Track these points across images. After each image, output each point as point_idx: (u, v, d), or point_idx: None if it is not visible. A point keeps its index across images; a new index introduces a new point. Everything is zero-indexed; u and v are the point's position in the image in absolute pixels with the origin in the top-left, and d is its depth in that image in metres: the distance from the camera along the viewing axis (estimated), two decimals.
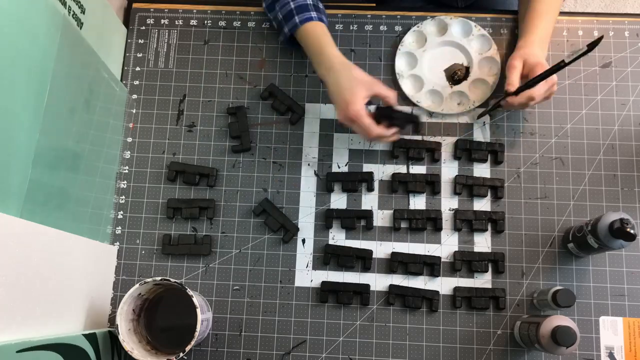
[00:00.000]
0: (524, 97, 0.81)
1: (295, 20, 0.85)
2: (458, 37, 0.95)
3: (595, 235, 0.75)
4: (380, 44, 0.96)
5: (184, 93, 0.95)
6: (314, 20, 0.85)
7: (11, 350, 0.57)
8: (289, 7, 0.86)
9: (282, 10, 0.87)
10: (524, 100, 0.81)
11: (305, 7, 0.86)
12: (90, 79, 0.79)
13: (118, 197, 0.90)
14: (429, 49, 0.94)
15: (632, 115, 0.91)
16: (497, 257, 0.85)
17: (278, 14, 0.89)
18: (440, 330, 0.84)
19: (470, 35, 0.94)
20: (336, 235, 0.88)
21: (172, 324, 0.82)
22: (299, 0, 0.86)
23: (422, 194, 0.89)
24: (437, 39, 0.95)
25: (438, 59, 0.94)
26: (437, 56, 0.95)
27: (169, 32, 0.98)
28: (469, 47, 0.94)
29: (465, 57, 0.94)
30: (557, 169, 0.89)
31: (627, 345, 0.82)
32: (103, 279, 0.85)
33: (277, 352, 0.84)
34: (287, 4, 0.87)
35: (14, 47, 0.60)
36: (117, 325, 0.73)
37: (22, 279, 0.62)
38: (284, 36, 0.90)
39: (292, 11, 0.86)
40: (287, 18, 0.87)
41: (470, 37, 0.94)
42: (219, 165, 0.91)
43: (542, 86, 0.81)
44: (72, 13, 0.75)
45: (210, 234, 0.88)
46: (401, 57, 0.94)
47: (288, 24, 0.87)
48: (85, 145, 0.79)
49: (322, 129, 0.92)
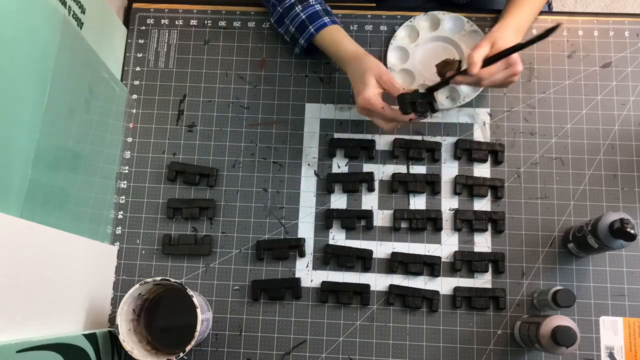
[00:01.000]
0: (474, 76, 0.77)
1: (311, 30, 0.86)
2: (450, 32, 0.95)
3: (596, 236, 0.75)
4: (381, 44, 0.96)
5: (184, 93, 0.95)
6: (328, 25, 0.86)
7: (11, 351, 0.57)
8: (300, 18, 0.87)
9: (293, 24, 0.88)
10: (474, 79, 0.78)
11: (316, 14, 0.86)
12: (90, 79, 0.79)
13: (118, 197, 0.90)
14: (421, 44, 0.95)
15: (632, 115, 0.91)
16: (497, 257, 0.85)
17: (290, 27, 0.89)
18: (441, 330, 0.84)
19: (462, 31, 0.94)
20: (336, 235, 0.88)
21: (172, 324, 0.82)
22: (309, 10, 0.87)
23: (422, 194, 0.89)
24: (429, 34, 0.95)
25: (430, 54, 0.95)
26: (430, 51, 0.95)
27: (169, 32, 0.98)
28: (461, 42, 0.94)
29: (457, 53, 0.94)
30: (557, 169, 0.89)
31: (628, 345, 0.82)
32: (103, 279, 0.85)
33: (277, 352, 0.84)
34: (297, 16, 0.87)
35: (14, 47, 0.60)
36: (117, 325, 0.73)
37: (22, 279, 0.62)
38: (299, 47, 0.90)
39: (305, 22, 0.86)
40: (301, 29, 0.87)
41: (463, 32, 0.94)
42: (219, 165, 0.91)
43: (497, 67, 0.77)
44: (72, 13, 0.75)
45: (211, 234, 0.88)
46: (393, 51, 0.94)
47: (303, 35, 0.87)
48: (85, 145, 0.79)
49: (322, 129, 0.92)
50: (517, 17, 0.85)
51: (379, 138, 0.92)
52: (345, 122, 0.93)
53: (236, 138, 0.92)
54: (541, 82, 0.93)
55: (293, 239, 0.88)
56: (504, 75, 0.78)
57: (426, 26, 0.96)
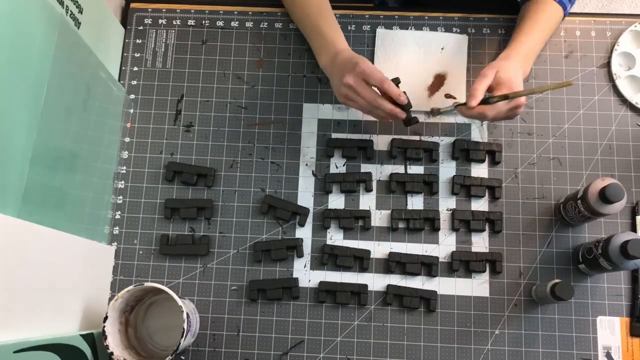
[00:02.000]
0: (476, 111, 0.77)
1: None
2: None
3: (607, 258, 0.74)
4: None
5: (182, 93, 0.95)
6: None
7: (8, 351, 0.57)
8: None
9: None
10: (475, 114, 0.77)
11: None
12: (88, 78, 0.79)
13: (116, 197, 0.90)
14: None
15: (630, 116, 0.91)
16: (495, 257, 0.85)
17: None
18: (438, 330, 0.84)
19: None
20: (334, 235, 0.88)
21: (159, 325, 0.82)
22: None
23: (419, 194, 0.89)
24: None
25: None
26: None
27: (167, 32, 0.98)
28: None
29: None
30: (554, 169, 0.90)
31: (624, 345, 0.82)
32: (100, 279, 0.85)
33: (275, 352, 0.84)
34: None
35: (11, 47, 0.60)
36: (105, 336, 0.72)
37: (20, 279, 0.62)
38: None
39: None
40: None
41: None
42: (217, 166, 0.91)
43: (500, 106, 0.76)
44: (69, 13, 0.75)
45: (208, 234, 0.88)
46: (617, 57, 0.92)
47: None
48: (82, 145, 0.79)
49: (319, 129, 0.92)
50: (525, 44, 0.83)
51: (376, 138, 0.92)
52: (343, 122, 0.93)
53: (234, 138, 0.92)
54: (539, 82, 0.93)
55: (291, 239, 0.88)
56: (507, 108, 0.77)
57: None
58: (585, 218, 0.80)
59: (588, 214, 0.77)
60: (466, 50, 0.95)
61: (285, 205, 0.88)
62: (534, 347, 0.83)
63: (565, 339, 0.83)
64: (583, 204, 0.76)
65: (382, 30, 0.96)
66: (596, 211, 0.75)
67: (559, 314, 0.84)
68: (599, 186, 0.74)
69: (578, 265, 0.84)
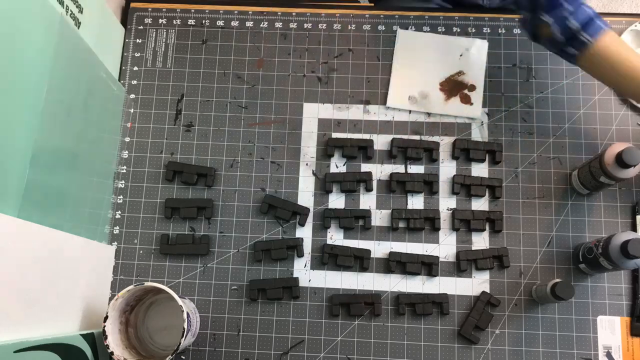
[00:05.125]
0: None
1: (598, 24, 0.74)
2: None
3: (607, 258, 0.74)
4: (379, 44, 0.96)
5: (182, 93, 0.95)
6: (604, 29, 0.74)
7: (9, 351, 0.57)
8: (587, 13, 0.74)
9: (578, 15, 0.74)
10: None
11: None
12: (88, 78, 0.79)
13: (116, 197, 0.90)
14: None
15: (630, 115, 0.91)
16: (502, 252, 0.85)
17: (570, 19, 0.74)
18: (438, 330, 0.84)
19: None
20: (334, 235, 0.88)
21: (159, 325, 0.82)
22: None
23: (420, 193, 0.89)
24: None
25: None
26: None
27: (167, 32, 0.98)
28: None
29: None
30: (555, 169, 0.89)
31: (625, 345, 0.82)
32: (101, 278, 0.85)
33: (275, 352, 0.84)
34: None
35: (11, 47, 0.60)
36: (105, 336, 0.72)
37: (20, 279, 0.62)
38: None
39: None
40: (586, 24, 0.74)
41: None
42: (217, 165, 0.91)
43: None
44: (69, 12, 0.75)
45: (209, 233, 0.88)
46: None
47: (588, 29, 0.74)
48: (83, 145, 0.78)
49: (320, 129, 0.92)
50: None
51: (377, 138, 0.92)
52: (343, 122, 0.93)
53: (234, 138, 0.92)
54: (539, 82, 0.93)
55: (291, 238, 0.87)
56: None
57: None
58: (599, 185, 0.81)
59: (605, 179, 0.78)
60: (486, 55, 0.94)
61: (286, 204, 0.88)
62: (534, 347, 0.83)
63: (565, 339, 0.83)
64: (600, 169, 0.77)
65: (402, 31, 0.96)
66: (613, 175, 0.76)
67: (559, 314, 0.84)
68: (615, 150, 0.75)
69: (578, 265, 0.84)
